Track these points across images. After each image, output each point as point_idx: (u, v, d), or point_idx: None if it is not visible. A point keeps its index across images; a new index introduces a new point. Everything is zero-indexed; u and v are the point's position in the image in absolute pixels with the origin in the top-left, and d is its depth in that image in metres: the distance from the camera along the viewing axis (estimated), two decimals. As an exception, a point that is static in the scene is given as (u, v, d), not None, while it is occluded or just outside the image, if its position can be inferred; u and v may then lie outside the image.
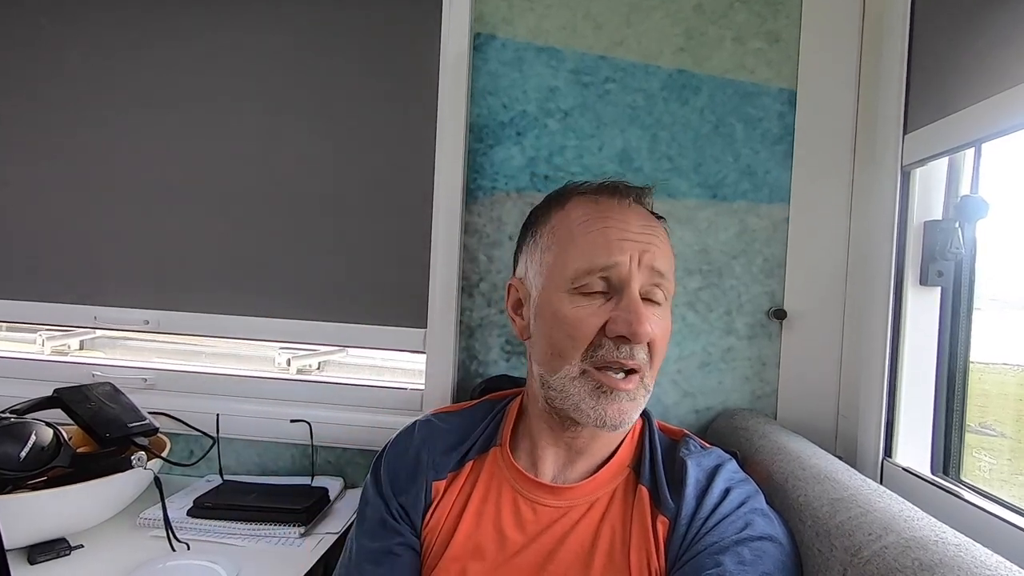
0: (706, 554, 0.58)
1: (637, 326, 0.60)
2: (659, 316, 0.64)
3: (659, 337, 0.63)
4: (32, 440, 0.82)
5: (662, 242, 0.66)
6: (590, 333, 0.62)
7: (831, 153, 1.00)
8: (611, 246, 0.63)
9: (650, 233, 0.65)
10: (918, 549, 0.48)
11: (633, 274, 0.62)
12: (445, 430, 0.74)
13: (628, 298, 0.62)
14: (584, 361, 0.63)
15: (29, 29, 1.22)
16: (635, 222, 0.65)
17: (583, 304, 0.63)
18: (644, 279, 0.63)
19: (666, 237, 0.68)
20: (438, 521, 0.68)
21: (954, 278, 0.83)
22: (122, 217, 1.20)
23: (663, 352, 0.65)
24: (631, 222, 0.65)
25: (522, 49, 1.06)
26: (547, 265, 0.67)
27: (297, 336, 1.17)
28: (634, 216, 0.66)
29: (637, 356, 0.62)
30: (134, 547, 0.87)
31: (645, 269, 0.63)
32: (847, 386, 0.98)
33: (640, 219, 0.66)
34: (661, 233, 0.67)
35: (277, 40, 1.16)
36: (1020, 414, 0.85)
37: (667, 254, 0.66)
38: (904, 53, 0.85)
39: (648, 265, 0.63)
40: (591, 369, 0.62)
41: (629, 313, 0.61)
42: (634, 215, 0.66)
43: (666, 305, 0.66)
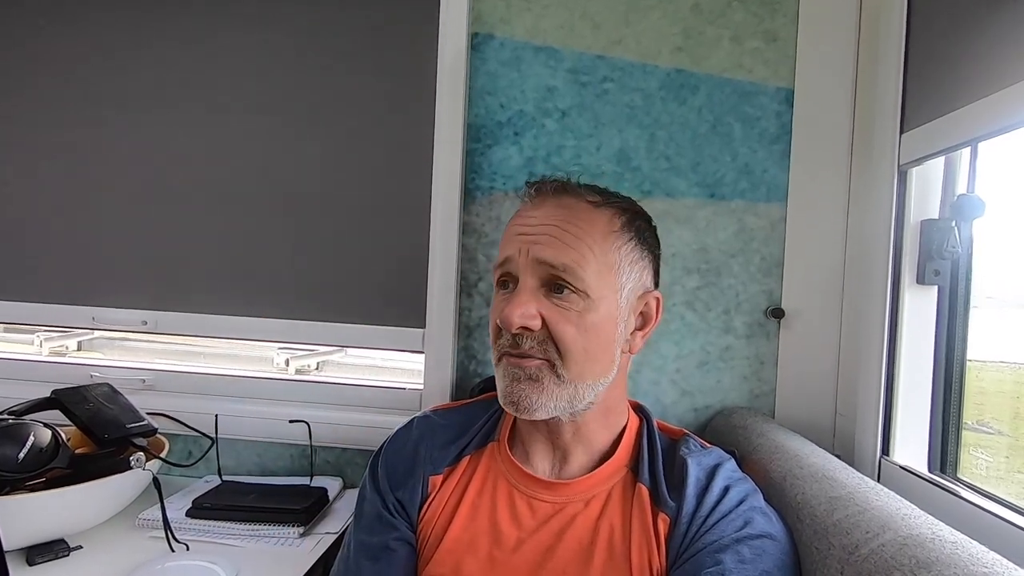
0: (706, 552, 0.58)
1: (504, 314, 0.62)
2: (564, 306, 0.62)
3: (558, 328, 0.62)
4: (30, 441, 0.82)
5: (565, 232, 0.63)
6: (494, 323, 0.66)
7: (828, 152, 1.00)
8: (509, 242, 0.66)
9: (550, 224, 0.64)
10: (915, 547, 0.48)
11: (521, 267, 0.64)
12: (443, 425, 0.74)
13: (516, 290, 0.64)
14: (497, 349, 0.66)
15: (28, 29, 1.22)
16: (541, 215, 0.65)
17: (498, 298, 0.68)
18: (536, 271, 0.63)
19: (590, 226, 0.64)
20: (433, 514, 0.68)
21: (951, 277, 0.83)
22: (120, 218, 1.20)
23: (578, 346, 0.62)
24: (536, 216, 0.65)
25: (520, 49, 1.07)
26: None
27: (296, 336, 1.17)
28: (543, 209, 0.66)
29: (523, 345, 0.63)
30: (133, 548, 0.87)
31: (532, 262, 0.63)
32: (845, 385, 0.98)
33: (545, 212, 0.65)
34: (574, 223, 0.64)
35: (275, 40, 1.16)
36: (1017, 412, 0.86)
37: (570, 244, 0.63)
38: (901, 52, 0.85)
39: (534, 257, 0.63)
40: (501, 358, 0.66)
41: (505, 303, 0.64)
42: (544, 208, 0.66)
43: (580, 297, 0.62)
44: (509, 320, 0.62)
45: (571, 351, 0.63)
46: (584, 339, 0.63)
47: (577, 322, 0.63)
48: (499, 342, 0.65)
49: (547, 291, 0.63)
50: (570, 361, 0.63)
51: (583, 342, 0.63)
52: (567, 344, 0.62)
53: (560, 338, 0.62)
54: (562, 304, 0.63)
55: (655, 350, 1.04)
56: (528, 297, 0.63)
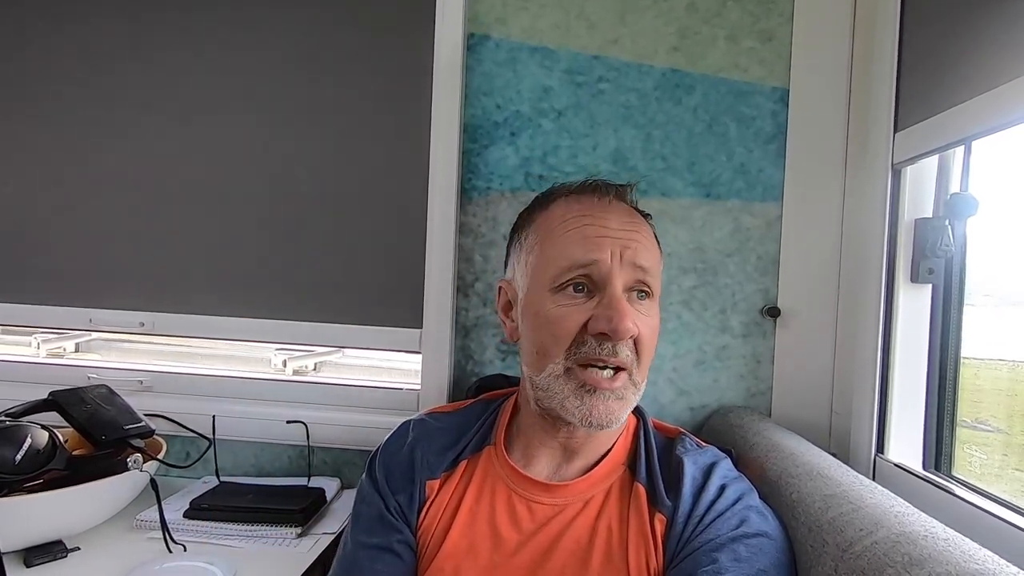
0: (702, 551, 0.58)
1: (618, 323, 0.60)
2: (644, 313, 0.64)
3: (644, 334, 0.63)
4: (27, 443, 0.82)
5: (645, 238, 0.66)
6: (572, 331, 0.62)
7: (823, 151, 1.00)
8: (590, 243, 0.63)
9: (632, 229, 0.65)
10: (908, 544, 0.48)
11: (614, 270, 0.62)
12: (439, 429, 0.74)
13: (609, 295, 0.62)
14: (568, 359, 0.62)
15: (26, 31, 1.22)
16: (616, 219, 0.65)
17: (565, 303, 0.63)
18: (627, 276, 0.63)
19: (650, 233, 0.68)
20: (432, 520, 0.68)
21: (945, 275, 0.83)
22: (117, 219, 1.20)
23: (651, 349, 0.65)
24: (611, 219, 0.65)
25: (516, 49, 1.07)
26: (531, 266, 0.67)
27: (293, 337, 1.17)
28: (615, 213, 0.66)
29: (620, 353, 0.62)
30: (131, 549, 0.87)
31: (627, 265, 0.63)
32: (840, 383, 0.99)
33: (621, 215, 0.66)
34: (644, 229, 0.67)
35: (272, 41, 1.16)
36: (1012, 409, 0.86)
37: (651, 249, 0.66)
38: (895, 52, 0.85)
39: (630, 261, 0.63)
40: (575, 367, 0.62)
41: (610, 310, 0.61)
42: (615, 212, 0.66)
43: (652, 302, 0.66)
44: (623, 327, 0.60)
45: (647, 355, 0.64)
46: (653, 342, 0.66)
47: (653, 326, 0.65)
48: (579, 351, 0.62)
49: (629, 296, 0.64)
50: (643, 366, 0.65)
51: (653, 346, 0.65)
52: (647, 349, 0.64)
53: (644, 343, 0.63)
54: (643, 309, 0.64)
55: (652, 349, 1.04)
56: (627, 304, 0.62)
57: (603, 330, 0.60)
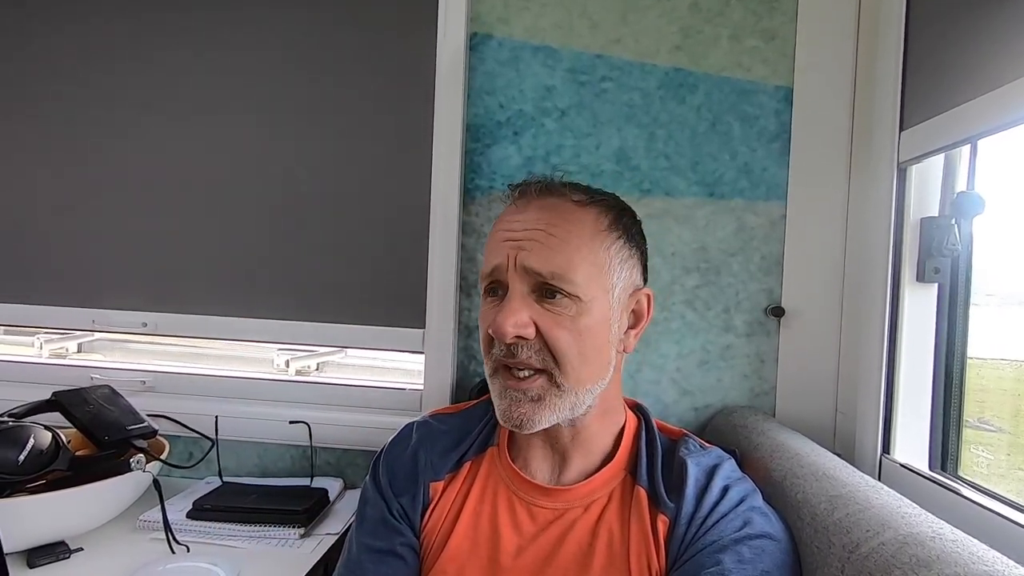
0: (706, 553, 0.58)
1: (497, 324, 0.60)
2: (556, 312, 0.61)
3: (552, 335, 0.60)
4: (31, 443, 0.82)
5: (551, 237, 0.61)
6: (485, 334, 0.64)
7: (828, 150, 1.00)
8: (495, 249, 0.64)
9: (535, 229, 0.62)
10: (915, 545, 0.48)
11: (510, 275, 0.62)
12: (443, 431, 0.74)
13: (505, 297, 0.62)
14: (489, 361, 0.64)
15: (27, 30, 1.22)
16: (524, 221, 0.63)
17: (485, 307, 0.66)
18: (525, 279, 0.61)
19: (576, 227, 0.63)
20: (436, 522, 0.68)
21: (951, 274, 0.83)
22: (120, 219, 1.20)
23: (573, 351, 0.61)
24: (519, 222, 0.63)
25: (518, 48, 1.06)
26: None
27: (295, 337, 1.17)
28: (523, 214, 0.64)
29: (519, 355, 0.60)
30: (133, 550, 0.87)
31: (520, 269, 0.61)
32: (845, 383, 0.98)
33: (529, 216, 0.63)
34: (560, 226, 0.62)
35: (274, 41, 1.16)
36: (1018, 409, 0.86)
37: (557, 249, 0.61)
38: (900, 50, 0.85)
39: (521, 265, 0.61)
40: (496, 368, 0.64)
41: (496, 312, 0.61)
42: (523, 213, 0.64)
43: (573, 301, 0.61)
44: (502, 330, 0.59)
45: (567, 357, 0.61)
46: (579, 343, 0.61)
47: (571, 327, 0.61)
48: (492, 352, 0.63)
49: (538, 296, 0.62)
50: (567, 367, 0.61)
51: (578, 347, 0.61)
52: (563, 350, 0.61)
53: (555, 345, 0.61)
54: (555, 309, 0.61)
55: (655, 349, 1.04)
56: (519, 304, 0.61)
57: (489, 331, 0.62)
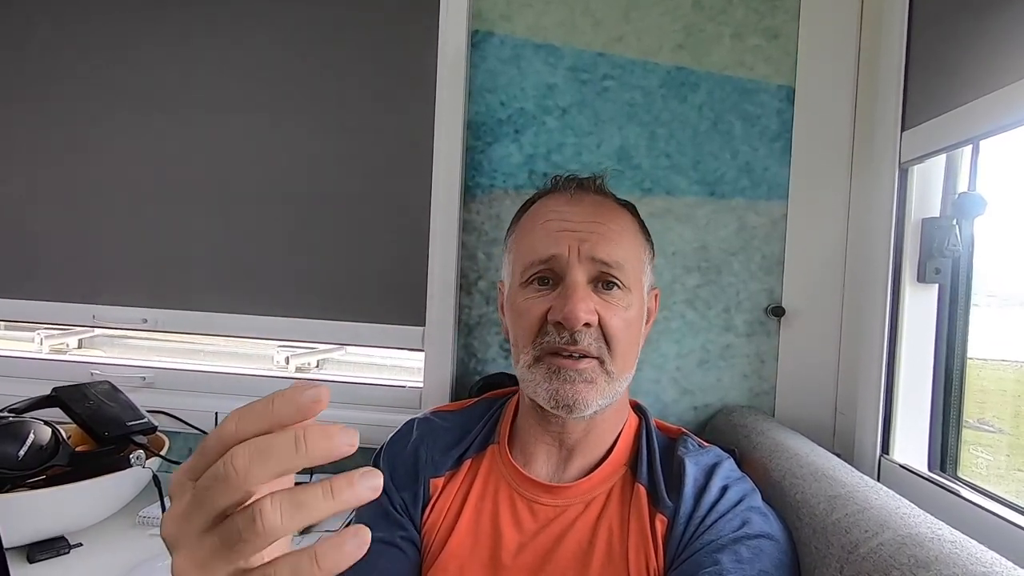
0: (704, 552, 0.58)
1: (569, 310, 0.61)
2: (612, 303, 0.65)
3: (613, 324, 0.64)
4: (31, 439, 0.82)
5: (610, 230, 0.66)
6: (535, 321, 0.65)
7: (829, 150, 1.00)
8: (550, 239, 0.65)
9: (595, 221, 0.66)
10: (914, 546, 0.48)
11: (572, 263, 0.64)
12: (444, 428, 0.74)
13: (566, 285, 0.64)
14: (535, 348, 0.65)
15: (27, 29, 1.22)
16: (579, 212, 0.66)
17: (531, 295, 0.66)
18: (586, 268, 0.64)
19: (624, 223, 0.68)
20: (436, 519, 0.68)
21: (952, 275, 0.83)
22: (120, 216, 1.20)
23: (627, 339, 0.65)
24: (574, 213, 0.66)
25: (520, 46, 1.06)
26: (511, 264, 0.71)
27: (296, 334, 1.17)
28: (579, 206, 0.67)
29: (581, 342, 0.62)
30: (133, 545, 0.87)
31: (585, 259, 0.64)
32: (845, 383, 0.98)
33: (586, 209, 0.67)
34: (614, 220, 0.67)
35: (274, 38, 1.16)
36: (1018, 410, 0.86)
37: (616, 241, 0.66)
38: (902, 50, 0.85)
39: (588, 255, 0.64)
40: (543, 355, 0.64)
41: (563, 299, 0.63)
42: (579, 205, 0.67)
43: (626, 292, 0.65)
44: (576, 316, 0.61)
45: (620, 346, 0.64)
46: (627, 333, 0.65)
47: (623, 316, 0.65)
48: (544, 340, 0.64)
49: (595, 287, 0.65)
50: (618, 356, 0.64)
51: (627, 336, 0.65)
52: (618, 339, 0.64)
53: (612, 333, 0.64)
54: (611, 300, 0.65)
55: (655, 348, 1.04)
56: (585, 293, 0.63)
57: (557, 318, 0.63)
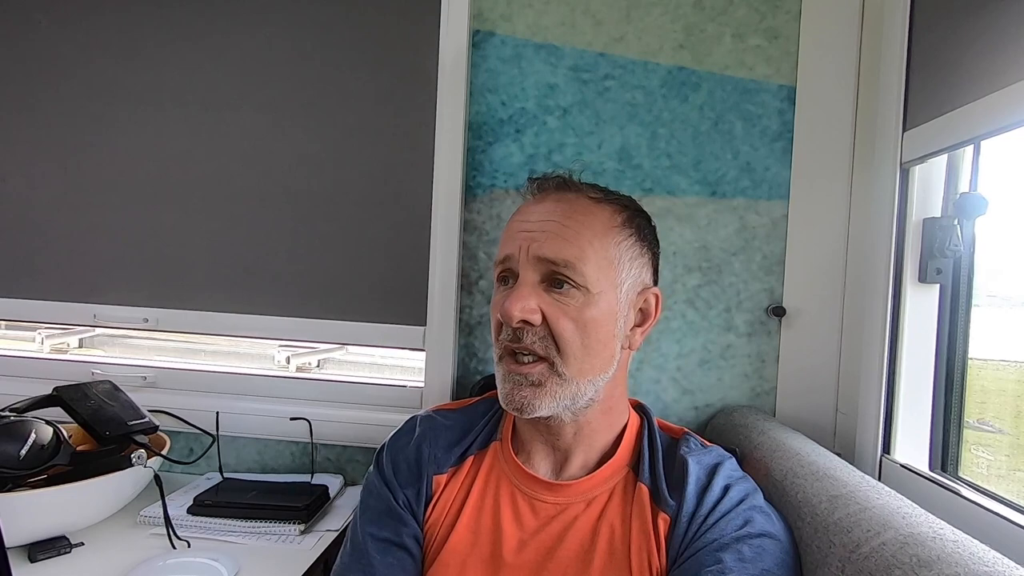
0: (706, 551, 0.58)
1: (504, 308, 0.62)
2: (561, 302, 0.63)
3: (562, 324, 0.62)
4: (32, 438, 0.82)
5: (565, 228, 0.63)
6: (496, 318, 0.66)
7: (830, 150, 1.00)
8: (509, 239, 0.67)
9: (548, 221, 0.64)
10: (916, 545, 0.48)
11: (522, 264, 0.64)
12: (446, 426, 0.74)
13: (514, 285, 0.64)
14: (497, 347, 0.66)
15: (27, 27, 1.22)
16: (539, 212, 0.66)
17: (498, 295, 0.68)
18: (535, 268, 0.64)
19: (590, 221, 0.65)
20: (439, 516, 0.68)
21: (953, 275, 0.83)
22: (121, 215, 1.20)
23: (576, 341, 0.62)
24: (534, 213, 0.66)
25: (521, 46, 1.06)
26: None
27: (297, 334, 1.17)
28: (539, 206, 0.67)
29: (524, 339, 0.63)
30: (134, 545, 0.87)
31: (532, 258, 0.64)
32: (846, 383, 0.98)
33: (545, 207, 0.66)
34: (573, 218, 0.64)
35: (276, 38, 1.16)
36: (1019, 410, 0.86)
37: (570, 240, 0.63)
38: (904, 50, 0.85)
39: (534, 255, 0.63)
40: (502, 355, 0.66)
41: (504, 297, 0.64)
42: (541, 205, 0.67)
43: (580, 291, 0.63)
44: (509, 313, 0.62)
45: (570, 347, 0.63)
46: (583, 334, 0.63)
47: (576, 317, 0.63)
48: (500, 338, 0.65)
49: (547, 286, 0.64)
50: (569, 357, 0.63)
51: (582, 337, 0.63)
52: (566, 339, 0.62)
53: (559, 334, 0.62)
54: (562, 300, 0.63)
55: (656, 348, 1.04)
56: (528, 291, 0.63)
57: (497, 315, 0.64)
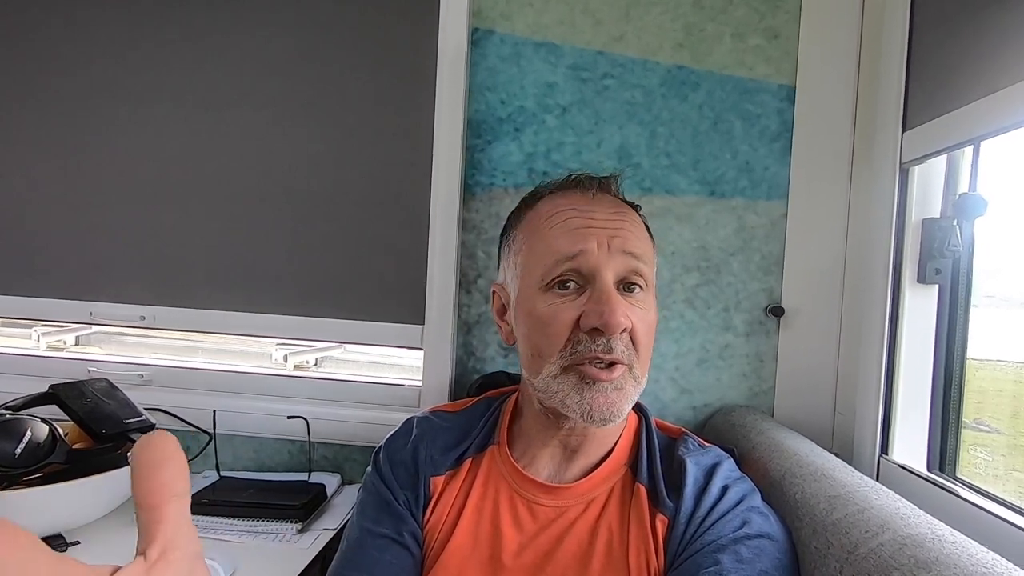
0: (704, 552, 0.58)
1: (609, 316, 0.58)
2: (638, 306, 0.62)
3: (640, 328, 0.61)
4: (27, 436, 0.82)
5: (634, 226, 0.65)
6: (565, 329, 0.60)
7: (829, 150, 0.99)
8: (576, 235, 0.62)
9: (619, 218, 0.64)
10: (914, 547, 0.48)
11: (603, 261, 0.60)
12: (443, 428, 0.74)
13: (599, 288, 0.60)
14: (563, 359, 0.61)
15: (26, 26, 1.21)
16: (601, 210, 0.64)
17: (555, 300, 0.62)
18: (617, 264, 0.61)
19: (639, 223, 0.67)
20: (438, 519, 0.68)
21: (952, 276, 0.83)
22: (118, 213, 1.19)
23: (648, 343, 0.63)
24: (596, 210, 0.64)
25: (520, 44, 1.06)
26: (521, 266, 0.66)
27: (294, 332, 1.17)
28: (600, 204, 0.65)
29: (616, 349, 0.59)
30: (131, 543, 0.84)
31: (616, 253, 0.61)
32: (844, 383, 0.98)
33: (607, 207, 0.65)
34: (632, 218, 0.66)
35: (275, 36, 1.15)
36: (1016, 411, 0.86)
37: (641, 238, 0.65)
38: (903, 50, 0.85)
39: (619, 249, 0.61)
40: (571, 365, 0.60)
41: (600, 304, 0.59)
42: (600, 204, 0.65)
43: (646, 293, 0.64)
44: (616, 322, 0.58)
45: (645, 350, 0.63)
46: (648, 336, 0.63)
47: (646, 319, 0.63)
48: (575, 349, 0.60)
49: (620, 290, 0.62)
50: (643, 360, 0.63)
51: (649, 340, 0.63)
52: (643, 343, 0.62)
53: (639, 338, 0.61)
54: (636, 303, 0.62)
55: (654, 348, 1.02)
56: (619, 296, 0.60)
57: (595, 325, 0.59)
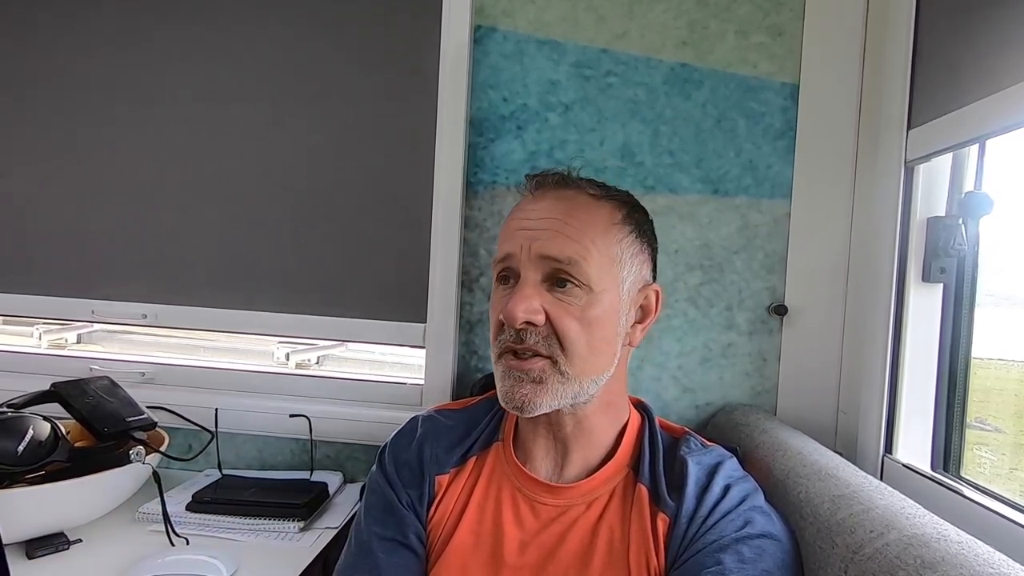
0: (706, 552, 0.58)
1: (507, 309, 0.61)
2: (565, 301, 0.62)
3: (566, 324, 0.61)
4: (29, 434, 0.82)
5: (567, 226, 0.63)
6: (496, 319, 0.65)
7: (833, 148, 0.99)
8: (508, 238, 0.65)
9: (550, 218, 0.63)
10: (920, 547, 0.48)
11: (523, 263, 0.63)
12: (448, 426, 0.74)
13: (517, 284, 0.63)
14: (496, 346, 0.65)
15: (26, 24, 1.21)
16: (539, 210, 0.65)
17: (497, 295, 0.67)
18: (538, 267, 0.63)
19: (592, 218, 0.64)
20: (441, 517, 0.68)
21: (957, 275, 0.82)
22: (120, 211, 1.19)
23: (583, 339, 0.62)
24: (533, 211, 0.65)
25: (523, 42, 1.06)
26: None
27: (296, 330, 1.17)
28: (540, 203, 0.65)
29: (527, 340, 0.61)
30: (133, 542, 0.87)
31: (534, 257, 0.62)
32: (847, 382, 0.98)
33: (545, 205, 0.65)
34: (575, 216, 0.63)
35: (276, 34, 1.15)
36: (1019, 410, 0.85)
37: (573, 238, 0.62)
38: (908, 48, 0.84)
39: (537, 253, 0.62)
40: (501, 353, 0.65)
41: (507, 298, 0.63)
42: (541, 203, 0.65)
43: (584, 291, 0.62)
44: (513, 315, 0.60)
45: (575, 346, 0.62)
46: (587, 333, 0.62)
47: (580, 316, 0.62)
48: (500, 338, 0.64)
49: (549, 285, 0.63)
50: (574, 357, 0.62)
51: (586, 336, 0.62)
52: (571, 339, 0.62)
53: (564, 333, 0.62)
54: (565, 298, 0.62)
55: (657, 346, 1.04)
56: (531, 291, 0.62)
57: (499, 317, 0.63)
